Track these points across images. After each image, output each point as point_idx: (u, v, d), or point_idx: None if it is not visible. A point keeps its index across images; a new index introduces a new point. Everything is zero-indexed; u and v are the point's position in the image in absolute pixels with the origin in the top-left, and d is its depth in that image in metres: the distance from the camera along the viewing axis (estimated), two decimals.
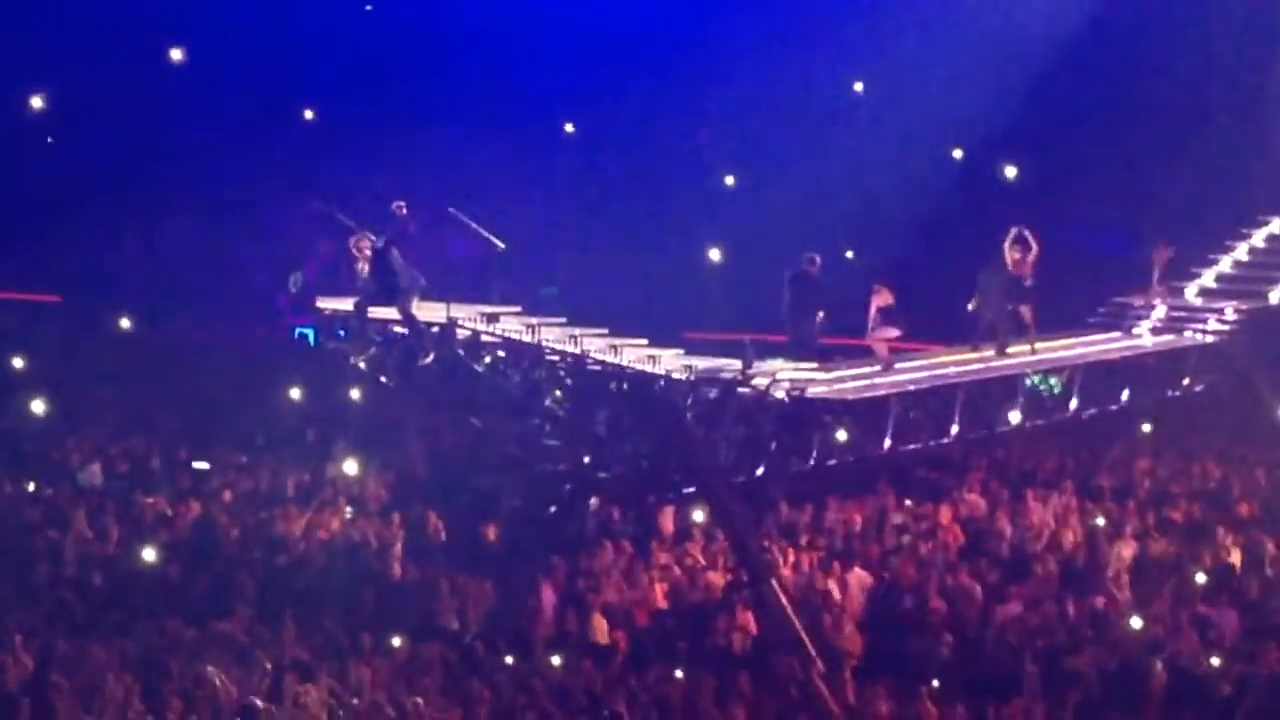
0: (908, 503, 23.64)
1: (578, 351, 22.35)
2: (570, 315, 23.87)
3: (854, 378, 23.55)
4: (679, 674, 18.75)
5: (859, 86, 32.43)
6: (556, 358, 22.47)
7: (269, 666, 17.84)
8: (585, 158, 31.89)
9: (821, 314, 23.42)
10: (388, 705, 17.42)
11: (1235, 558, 22.07)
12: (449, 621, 20.26)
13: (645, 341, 22.98)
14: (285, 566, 21.02)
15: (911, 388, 23.37)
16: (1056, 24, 30.53)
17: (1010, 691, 18.74)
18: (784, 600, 20.17)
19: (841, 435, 22.61)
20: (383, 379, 23.18)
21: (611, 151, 31.58)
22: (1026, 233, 24.15)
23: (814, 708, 18.40)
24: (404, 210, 22.90)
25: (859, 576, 21.32)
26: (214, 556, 21.03)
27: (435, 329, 22.72)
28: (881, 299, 23.71)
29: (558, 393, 22.67)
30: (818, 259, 23.58)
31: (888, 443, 22.94)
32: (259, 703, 16.97)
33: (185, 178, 29.48)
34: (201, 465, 23.27)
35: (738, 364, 22.29)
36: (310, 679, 17.61)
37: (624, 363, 22.15)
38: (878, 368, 23.81)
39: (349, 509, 22.28)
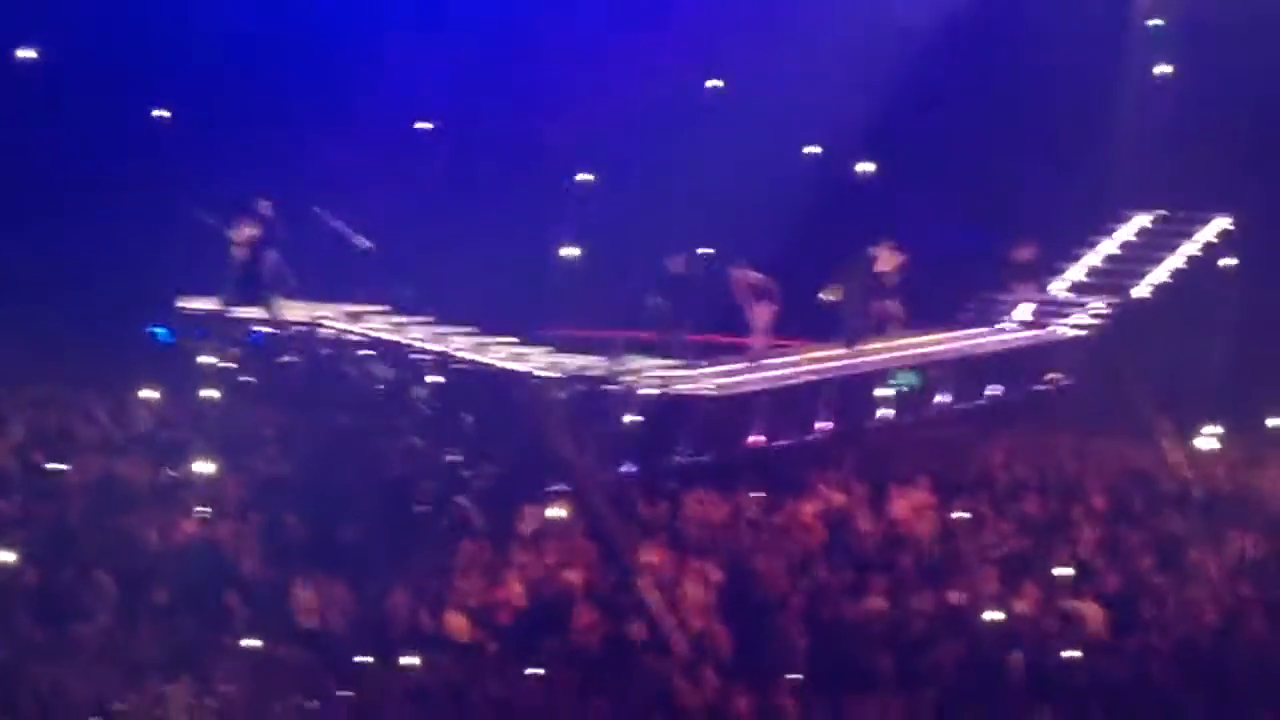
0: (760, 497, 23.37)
1: (443, 350, 22.22)
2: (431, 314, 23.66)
3: (721, 374, 23.52)
4: (538, 671, 18.60)
5: (713, 83, 32.18)
6: (423, 356, 22.25)
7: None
8: (439, 155, 31.60)
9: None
10: (246, 706, 17.31)
11: (1092, 551, 22.08)
12: (307, 622, 19.94)
13: (515, 340, 22.89)
14: (142, 569, 20.53)
15: (778, 384, 23.37)
16: (913, 20, 30.45)
17: (868, 685, 18.71)
18: (650, 597, 20.06)
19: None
20: (244, 379, 22.91)
21: (465, 149, 31.36)
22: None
23: (674, 704, 18.33)
24: (269, 209, 22.59)
25: (712, 571, 21.19)
26: (70, 559, 20.51)
27: (300, 329, 22.59)
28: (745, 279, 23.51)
29: (423, 392, 22.44)
30: (688, 258, 23.55)
31: (753, 438, 22.82)
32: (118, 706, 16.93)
33: (30, 177, 28.92)
34: (56, 467, 22.82)
35: (605, 361, 22.30)
36: (170, 680, 17.49)
37: (491, 361, 22.08)
38: (745, 363, 23.80)
39: (205, 510, 21.83)
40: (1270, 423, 25.93)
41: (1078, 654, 19.41)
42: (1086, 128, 30.36)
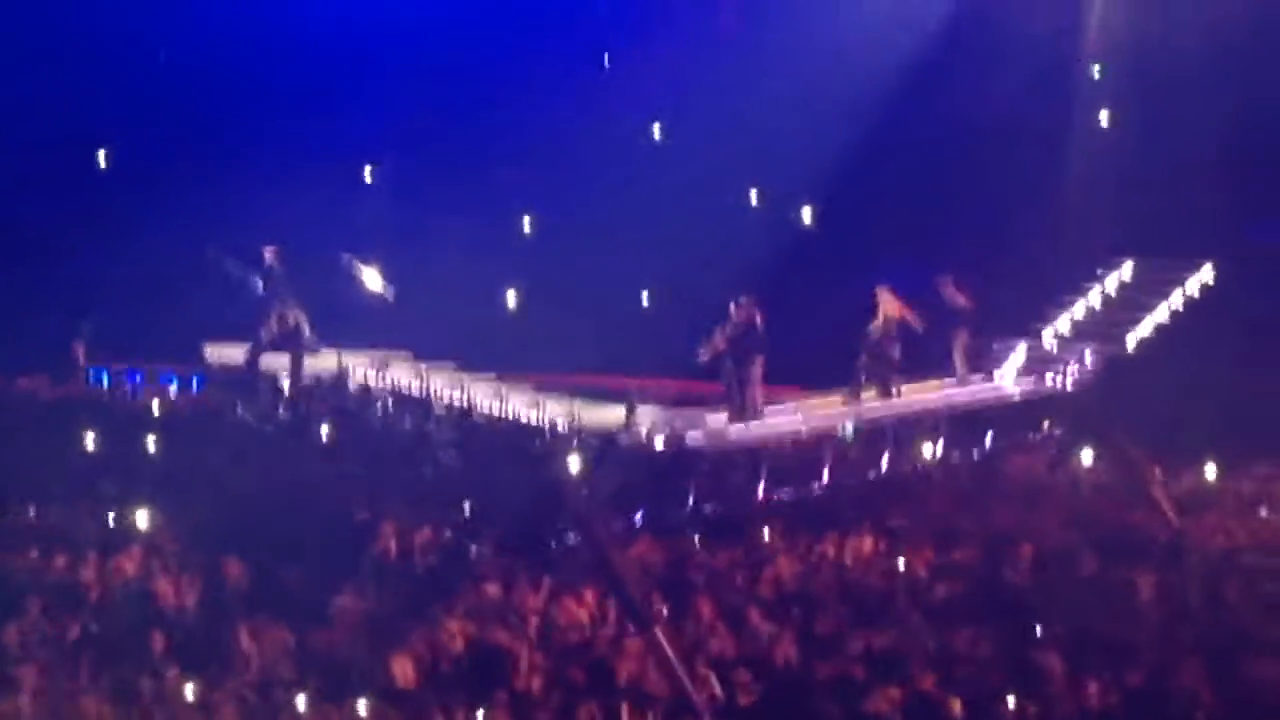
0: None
1: (464, 403, 22.39)
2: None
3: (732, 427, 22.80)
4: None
5: (656, 128, 31.42)
6: (444, 411, 22.50)
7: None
8: (387, 198, 30.69)
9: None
10: None
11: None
12: (247, 664, 19.31)
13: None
14: (80, 611, 19.91)
15: (790, 437, 22.87)
16: (876, 59, 29.75)
17: None
18: (669, 649, 19.37)
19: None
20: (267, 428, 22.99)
21: (413, 192, 30.54)
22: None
23: None
24: (276, 255, 22.46)
25: None
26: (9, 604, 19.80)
27: (326, 377, 22.82)
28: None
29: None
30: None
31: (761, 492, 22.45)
32: None
33: None
34: None
35: (621, 412, 21.87)
36: None
37: (509, 413, 22.10)
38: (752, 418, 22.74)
39: (145, 555, 21.15)
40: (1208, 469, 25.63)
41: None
42: (1067, 174, 29.99)
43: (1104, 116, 30.40)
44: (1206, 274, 28.34)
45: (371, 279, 24.32)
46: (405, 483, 22.37)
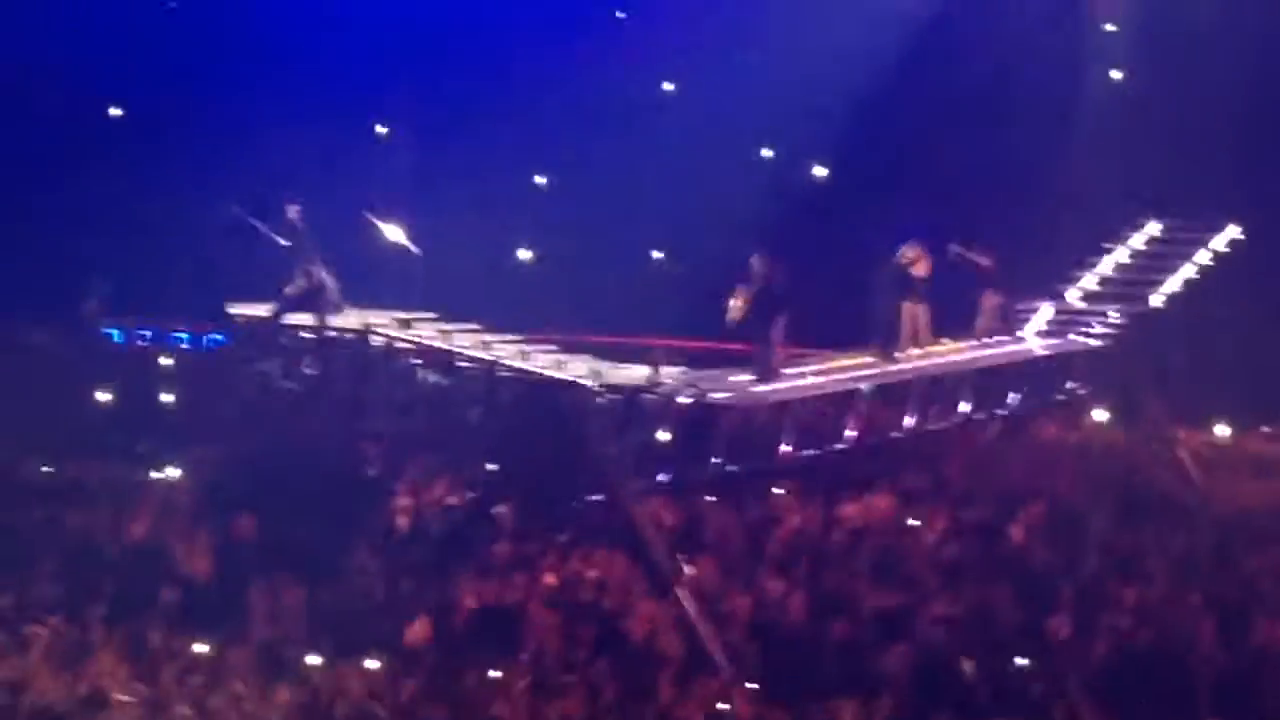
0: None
1: (490, 358, 22.13)
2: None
3: (752, 383, 22.57)
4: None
5: (668, 86, 31.37)
6: (467, 364, 22.26)
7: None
8: (397, 158, 30.54)
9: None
10: (198, 708, 17.35)
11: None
12: (261, 624, 19.31)
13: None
14: (93, 569, 19.82)
15: (814, 393, 22.69)
16: (893, 13, 29.45)
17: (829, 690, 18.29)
18: (689, 608, 19.32)
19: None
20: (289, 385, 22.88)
21: (422, 151, 30.37)
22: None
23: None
24: (297, 215, 22.37)
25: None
26: (19, 559, 19.83)
27: (350, 336, 22.63)
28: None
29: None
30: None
31: (785, 449, 22.17)
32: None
33: None
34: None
35: (644, 370, 21.71)
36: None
37: (533, 368, 21.85)
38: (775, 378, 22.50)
39: (159, 511, 21.06)
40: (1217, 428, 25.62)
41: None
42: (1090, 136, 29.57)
43: (1121, 75, 30.32)
44: (1233, 233, 28.01)
45: (394, 234, 23.99)
46: (428, 441, 22.25)
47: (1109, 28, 30.64)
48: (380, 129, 30.64)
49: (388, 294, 24.40)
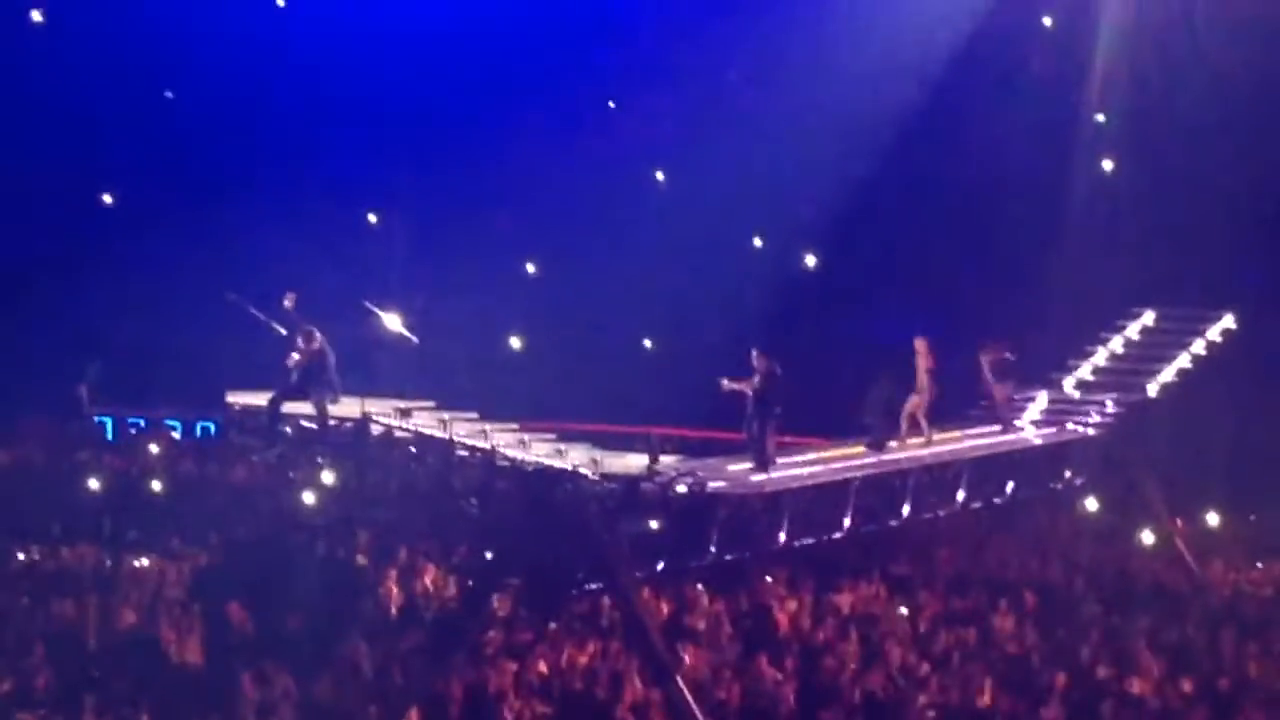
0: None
1: (488, 447, 21.85)
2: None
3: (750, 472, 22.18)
4: None
5: (660, 175, 31.64)
6: (466, 453, 22.00)
7: None
8: (387, 245, 30.94)
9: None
10: None
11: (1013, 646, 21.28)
12: (249, 712, 18.71)
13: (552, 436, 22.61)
14: (83, 657, 19.51)
15: (811, 483, 22.17)
16: (885, 109, 29.74)
17: None
18: (688, 697, 18.85)
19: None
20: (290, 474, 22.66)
21: (413, 237, 30.89)
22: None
23: None
24: (293, 302, 22.07)
25: None
26: (8, 648, 19.53)
27: (349, 424, 22.25)
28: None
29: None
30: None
31: (782, 537, 21.58)
32: None
33: None
34: None
35: (642, 459, 21.38)
36: None
37: (532, 458, 21.63)
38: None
39: (148, 599, 20.89)
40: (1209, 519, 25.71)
41: None
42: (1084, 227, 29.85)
43: (1112, 166, 30.64)
44: (1228, 322, 27.95)
45: (392, 323, 23.96)
46: (427, 529, 22.17)
47: (1100, 119, 30.79)
48: (372, 218, 30.72)
49: (386, 381, 24.28)
